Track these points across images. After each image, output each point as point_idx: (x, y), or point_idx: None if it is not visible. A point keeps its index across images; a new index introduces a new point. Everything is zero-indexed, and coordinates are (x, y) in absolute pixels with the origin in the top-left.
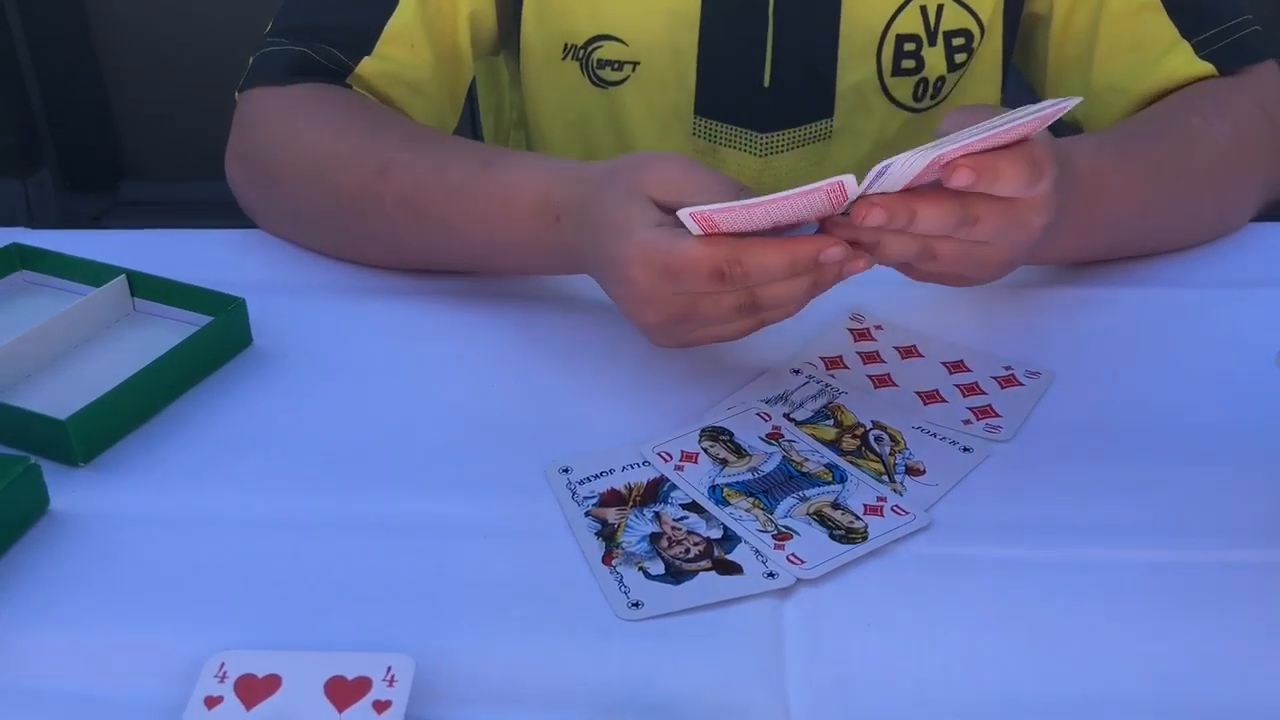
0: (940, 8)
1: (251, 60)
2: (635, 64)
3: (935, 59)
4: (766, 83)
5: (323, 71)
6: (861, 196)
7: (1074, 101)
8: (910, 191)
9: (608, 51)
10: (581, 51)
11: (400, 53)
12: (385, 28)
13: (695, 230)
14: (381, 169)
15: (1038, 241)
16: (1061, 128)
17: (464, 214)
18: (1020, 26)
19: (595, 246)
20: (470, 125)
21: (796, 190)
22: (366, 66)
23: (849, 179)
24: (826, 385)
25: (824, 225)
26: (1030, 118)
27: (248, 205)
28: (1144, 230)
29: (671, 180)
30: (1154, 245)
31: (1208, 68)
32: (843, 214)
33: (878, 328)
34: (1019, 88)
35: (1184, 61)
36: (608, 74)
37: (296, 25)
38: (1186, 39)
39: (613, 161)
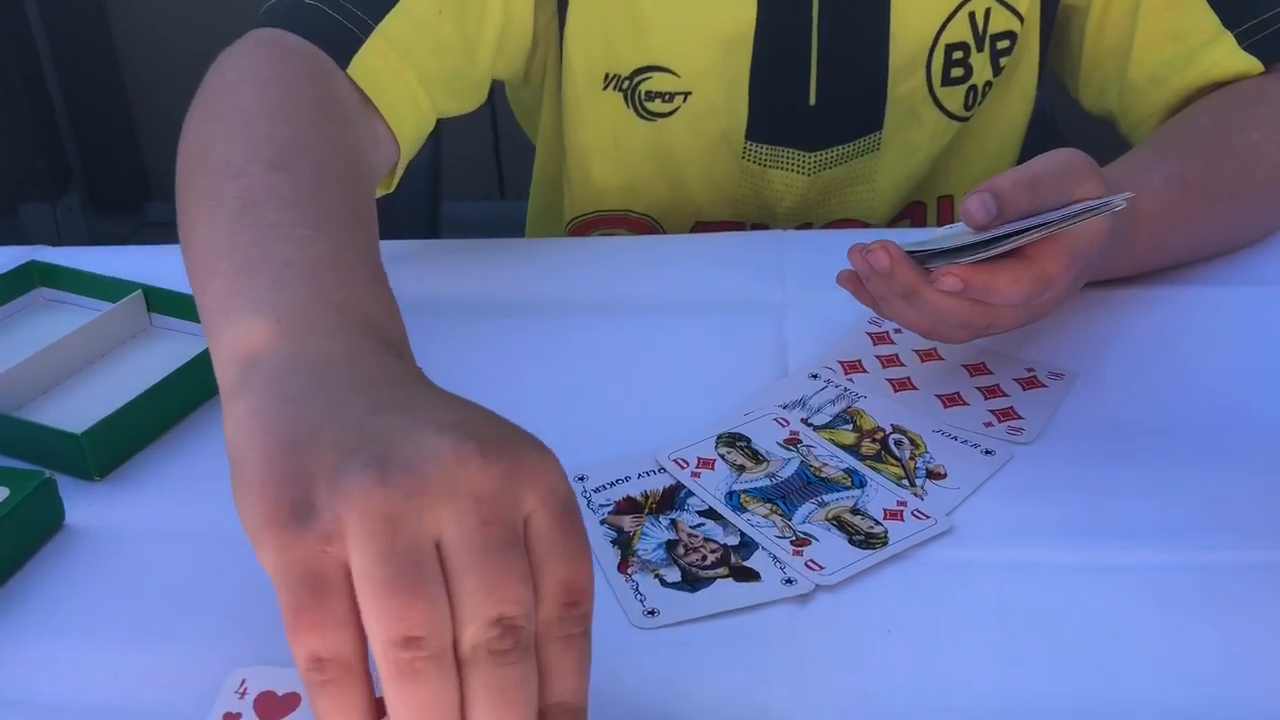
0: (989, 11)
1: (264, 7)
2: (687, 94)
3: (982, 65)
4: (812, 101)
5: (333, 37)
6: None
7: (1124, 200)
8: (921, 275)
9: (657, 83)
10: (626, 83)
11: (419, 24)
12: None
13: None
14: (238, 172)
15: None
16: (1096, 125)
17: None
18: (1055, 21)
19: None
20: (493, 136)
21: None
22: (379, 34)
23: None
24: (845, 389)
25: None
26: (1080, 219)
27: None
28: (1200, 250)
29: None
30: (1205, 258)
31: (1252, 61)
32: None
33: (897, 331)
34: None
35: (1227, 52)
36: (656, 106)
37: None
38: (1229, 30)
39: None
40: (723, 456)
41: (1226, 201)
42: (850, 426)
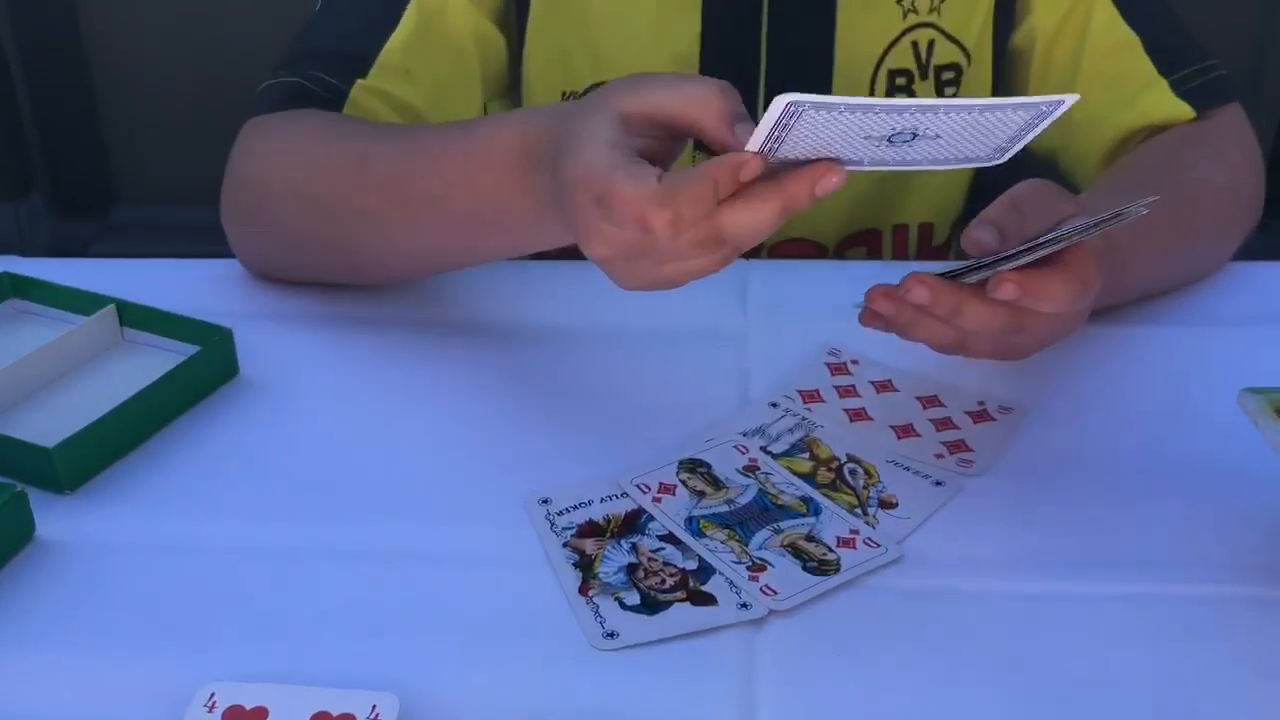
0: (932, 43)
1: (255, 96)
2: None
3: (926, 93)
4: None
5: (318, 100)
6: (913, 272)
7: (1145, 207)
8: (964, 288)
9: None
10: (581, 97)
11: (395, 77)
12: (381, 52)
13: (773, 112)
14: (359, 163)
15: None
16: (1036, 164)
17: (445, 182)
18: (1004, 61)
19: (558, 171)
20: None
21: (862, 105)
22: (359, 89)
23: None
24: (803, 419)
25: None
26: (1100, 228)
27: (241, 249)
28: (1162, 283)
29: (638, 88)
30: (1164, 291)
31: (1185, 107)
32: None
33: (854, 362)
34: None
35: (1162, 98)
36: None
37: (294, 57)
38: (1164, 77)
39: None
40: (683, 482)
41: (1185, 235)
42: (807, 455)
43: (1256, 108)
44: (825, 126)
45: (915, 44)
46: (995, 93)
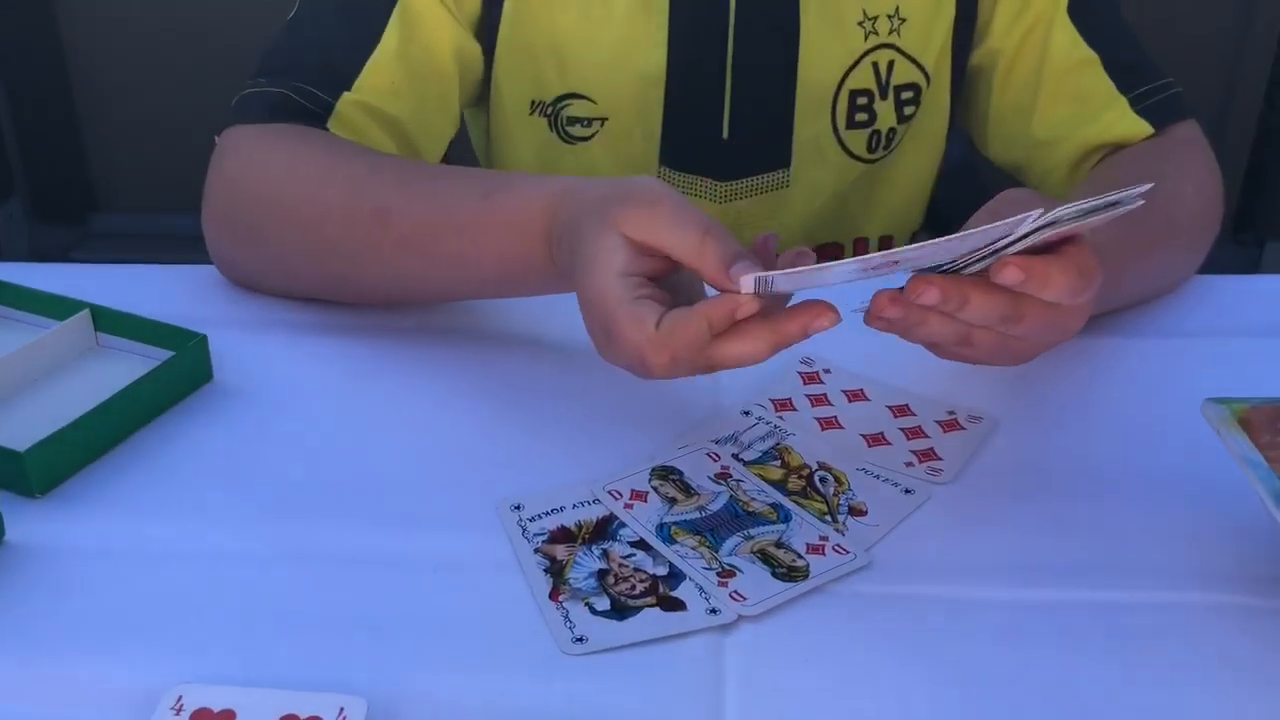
0: (891, 63)
1: (233, 103)
2: (604, 120)
3: (886, 112)
4: (725, 134)
5: (302, 113)
6: (918, 274)
7: (1140, 197)
8: (965, 279)
9: (577, 109)
10: (550, 108)
11: (380, 89)
12: (366, 65)
13: (747, 290)
14: (378, 214)
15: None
16: (1000, 177)
17: (475, 248)
18: (964, 79)
19: (574, 275)
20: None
21: (849, 261)
22: (346, 102)
23: (900, 253)
24: (775, 427)
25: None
26: (1098, 218)
27: (228, 262)
28: (1139, 295)
29: (640, 217)
30: (1140, 301)
31: (1143, 124)
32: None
33: (826, 371)
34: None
35: (1121, 114)
36: (577, 130)
37: (276, 66)
38: (1123, 94)
39: (609, 184)
40: (655, 489)
41: (1161, 244)
42: (779, 463)
43: (1228, 125)
44: (815, 272)
45: (875, 65)
46: (953, 109)
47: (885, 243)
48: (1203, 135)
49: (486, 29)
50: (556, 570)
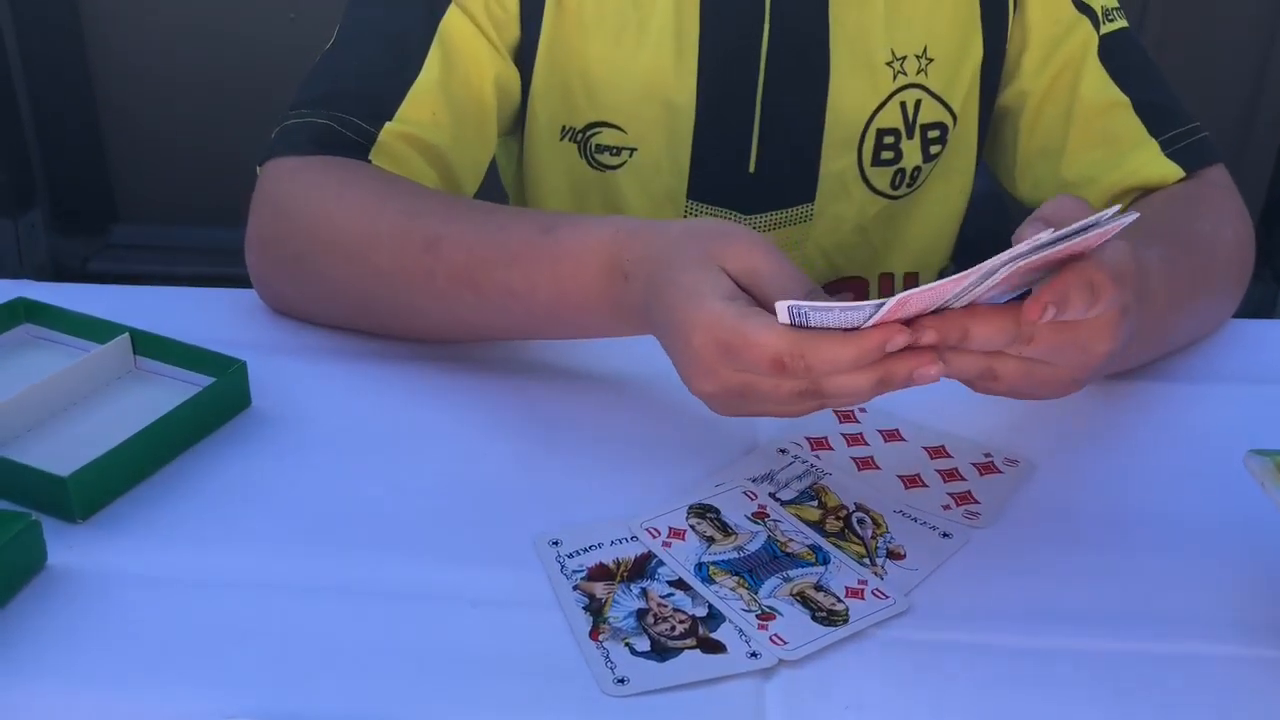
0: (919, 103)
1: (274, 134)
2: (633, 150)
3: (912, 150)
4: (752, 168)
5: (345, 144)
6: (918, 317)
7: (1131, 219)
8: (964, 310)
9: (606, 138)
10: (580, 135)
11: (422, 119)
12: (408, 95)
13: (783, 320)
14: (429, 244)
15: (1105, 364)
16: (1027, 209)
17: (528, 280)
18: (992, 120)
19: (662, 308)
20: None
21: (889, 303)
22: (389, 132)
23: (917, 294)
24: (812, 466)
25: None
26: (1091, 234)
27: (273, 291)
28: (1183, 338)
29: (751, 259)
30: (1175, 349)
31: (1174, 167)
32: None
33: (862, 410)
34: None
35: (1152, 157)
36: (605, 159)
37: (318, 96)
38: (1154, 137)
39: (690, 223)
40: (693, 527)
41: (1206, 288)
42: (815, 503)
43: (1245, 161)
44: (845, 310)
45: (904, 104)
46: (980, 148)
47: (910, 278)
48: (1231, 180)
49: (525, 55)
50: (596, 608)
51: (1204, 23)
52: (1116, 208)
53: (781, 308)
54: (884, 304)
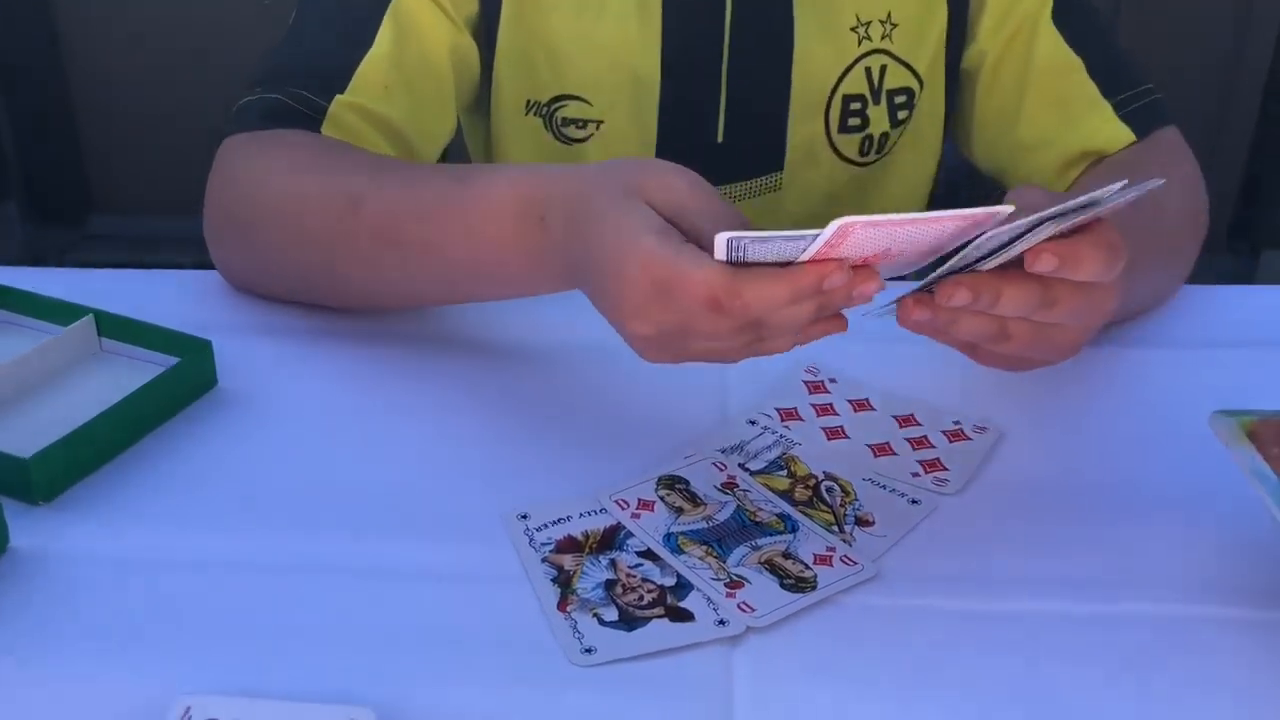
0: (884, 68)
1: (230, 112)
2: (599, 122)
3: (879, 116)
4: (720, 138)
5: (297, 117)
6: (944, 277)
7: (1158, 182)
8: (994, 272)
9: (572, 110)
10: (545, 109)
11: (374, 92)
12: (359, 68)
13: (720, 255)
14: (353, 203)
15: (1103, 324)
16: (984, 181)
17: (443, 231)
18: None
19: (586, 245)
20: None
21: (828, 231)
22: (339, 105)
23: (855, 224)
24: (781, 436)
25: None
26: (1112, 203)
27: (228, 266)
28: (1149, 297)
29: (675, 189)
30: (1130, 316)
31: (1126, 131)
32: (928, 290)
33: (832, 380)
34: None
35: (1105, 120)
36: (572, 131)
37: (270, 72)
38: (1107, 99)
39: (606, 162)
40: (662, 498)
41: (1165, 249)
42: (785, 472)
43: (1224, 134)
44: (873, 239)
45: (868, 69)
46: (948, 118)
47: None
48: (1184, 141)
49: (485, 29)
50: (564, 580)
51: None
52: (1121, 183)
53: (720, 241)
54: (822, 234)
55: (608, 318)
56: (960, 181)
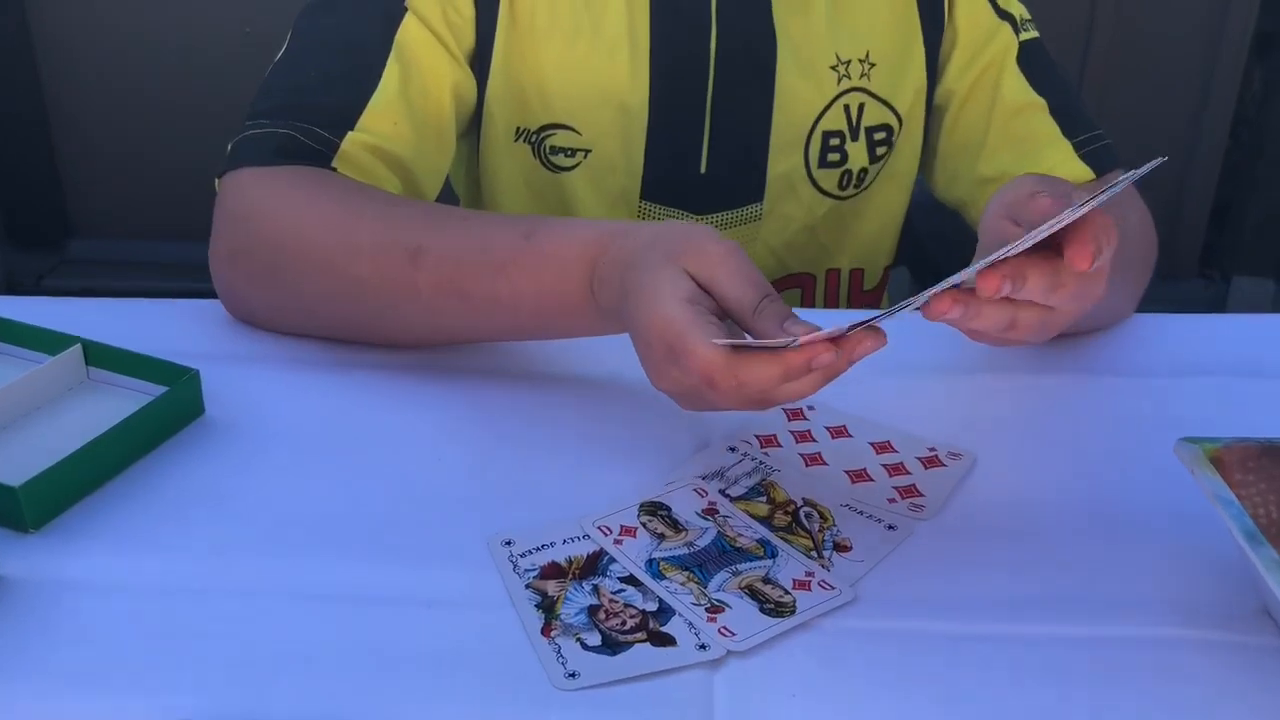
0: (862, 106)
1: (232, 145)
2: (587, 151)
3: (858, 152)
4: (703, 169)
5: (308, 153)
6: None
7: (1161, 160)
8: (1018, 258)
9: (560, 139)
10: (534, 137)
11: (384, 129)
12: (368, 105)
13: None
14: (413, 255)
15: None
16: (947, 215)
17: (512, 287)
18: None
19: (627, 309)
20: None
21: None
22: (351, 143)
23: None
24: (761, 463)
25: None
26: (1112, 190)
27: (242, 304)
28: (1108, 314)
29: (708, 256)
30: (1106, 325)
31: (1085, 169)
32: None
33: (810, 408)
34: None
35: (1065, 157)
36: (560, 160)
37: (277, 106)
38: (1067, 139)
39: (660, 225)
40: (644, 525)
41: (1121, 267)
42: (764, 498)
43: (1194, 162)
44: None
45: (847, 107)
46: (923, 150)
47: (856, 275)
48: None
49: (480, 61)
50: (548, 606)
51: (1153, 26)
52: (1132, 174)
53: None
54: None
55: (646, 373)
56: (940, 210)
